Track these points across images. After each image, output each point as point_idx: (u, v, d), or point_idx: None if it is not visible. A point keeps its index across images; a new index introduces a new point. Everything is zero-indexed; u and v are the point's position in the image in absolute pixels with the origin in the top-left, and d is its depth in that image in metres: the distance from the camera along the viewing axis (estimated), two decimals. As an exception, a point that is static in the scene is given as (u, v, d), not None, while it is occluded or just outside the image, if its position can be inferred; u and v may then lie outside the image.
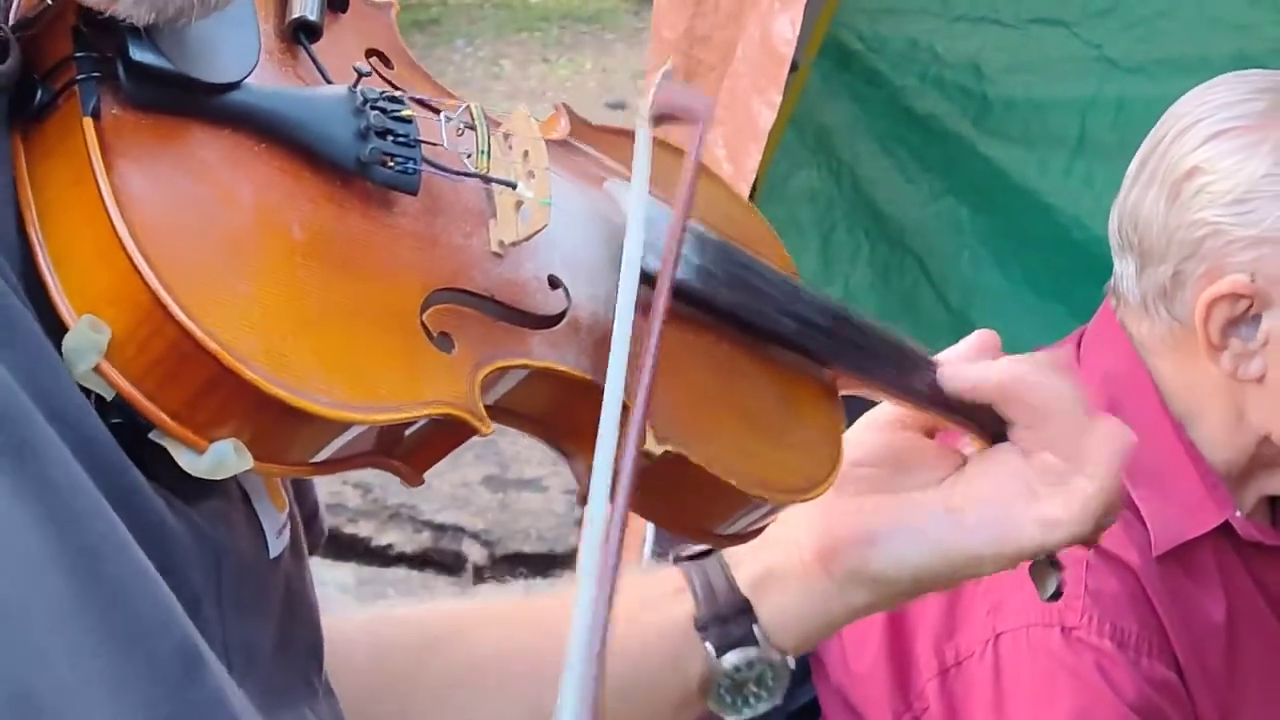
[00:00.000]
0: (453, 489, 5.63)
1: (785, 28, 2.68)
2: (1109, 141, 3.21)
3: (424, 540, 5.56)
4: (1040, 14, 3.23)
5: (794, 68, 2.82)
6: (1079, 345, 2.14)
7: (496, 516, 5.60)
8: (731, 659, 1.38)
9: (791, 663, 1.41)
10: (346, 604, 3.77)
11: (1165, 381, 2.08)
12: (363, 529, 5.53)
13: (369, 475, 5.36)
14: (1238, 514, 2.08)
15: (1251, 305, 1.96)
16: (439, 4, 10.71)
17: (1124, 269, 2.08)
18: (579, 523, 4.36)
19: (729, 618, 1.39)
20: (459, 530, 5.57)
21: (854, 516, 1.36)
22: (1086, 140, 3.30)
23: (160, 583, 0.87)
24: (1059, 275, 3.24)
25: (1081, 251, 3.17)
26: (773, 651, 1.39)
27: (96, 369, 0.89)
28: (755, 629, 1.38)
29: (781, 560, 1.38)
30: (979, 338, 1.39)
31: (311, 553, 1.21)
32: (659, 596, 1.39)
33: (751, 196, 2.79)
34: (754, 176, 2.79)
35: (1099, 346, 2.12)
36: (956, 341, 1.41)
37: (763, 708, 1.41)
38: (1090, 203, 3.22)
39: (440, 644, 1.39)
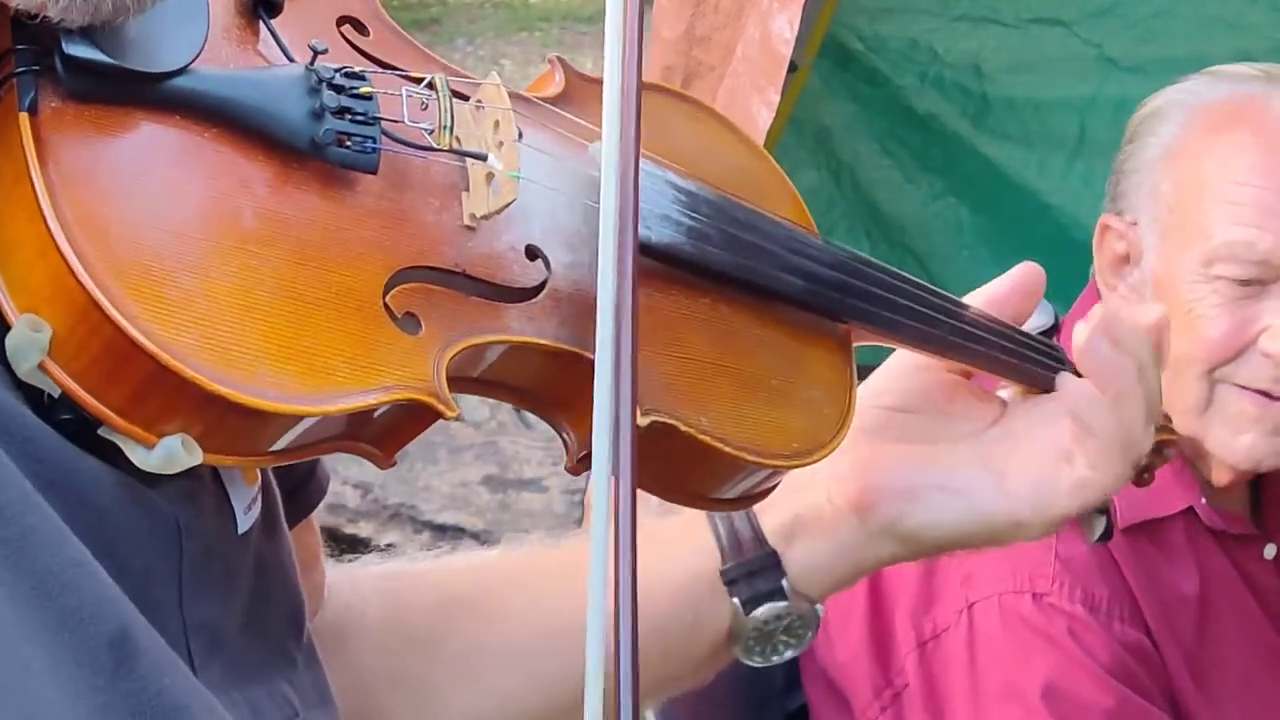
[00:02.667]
0: (453, 489, 5.62)
1: (784, 27, 2.68)
2: (1109, 141, 3.20)
3: (424, 540, 5.55)
4: (1040, 14, 3.23)
5: (793, 68, 2.81)
6: (1059, 332, 2.15)
7: (496, 516, 5.59)
8: (761, 613, 1.35)
9: (821, 610, 1.38)
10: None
11: None
12: (363, 529, 5.53)
13: (369, 475, 5.36)
14: (1203, 501, 2.09)
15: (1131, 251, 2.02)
16: (439, 3, 10.71)
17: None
18: (579, 523, 4.35)
19: (757, 571, 1.36)
20: (459, 530, 5.56)
21: (892, 467, 1.33)
22: (1086, 140, 3.30)
23: (96, 572, 0.86)
24: (1059, 275, 3.22)
25: (1082, 251, 3.16)
26: (801, 602, 1.37)
27: (40, 367, 0.88)
28: (784, 583, 1.36)
29: (812, 506, 1.34)
30: (1023, 270, 1.42)
31: (309, 511, 1.19)
32: (681, 547, 1.36)
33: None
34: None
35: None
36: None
37: (791, 654, 1.39)
38: (1090, 203, 3.21)
39: (461, 607, 1.36)
